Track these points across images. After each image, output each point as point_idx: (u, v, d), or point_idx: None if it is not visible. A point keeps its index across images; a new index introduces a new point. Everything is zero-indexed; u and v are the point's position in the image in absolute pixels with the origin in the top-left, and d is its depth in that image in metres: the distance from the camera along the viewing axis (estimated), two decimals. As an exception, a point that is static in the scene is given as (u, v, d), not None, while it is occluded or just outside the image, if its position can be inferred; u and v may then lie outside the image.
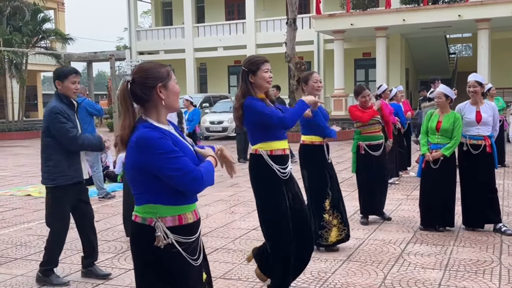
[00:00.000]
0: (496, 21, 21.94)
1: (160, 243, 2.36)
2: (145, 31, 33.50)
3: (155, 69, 2.43)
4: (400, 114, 9.67)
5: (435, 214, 6.10)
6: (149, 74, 2.41)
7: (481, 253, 5.26)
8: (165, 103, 2.43)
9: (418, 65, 31.74)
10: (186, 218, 2.44)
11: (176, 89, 2.48)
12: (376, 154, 6.46)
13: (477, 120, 5.96)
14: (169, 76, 2.45)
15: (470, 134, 6.03)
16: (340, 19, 23.97)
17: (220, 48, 29.75)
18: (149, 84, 2.39)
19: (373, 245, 5.64)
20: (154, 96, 2.41)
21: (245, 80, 3.92)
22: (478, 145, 5.99)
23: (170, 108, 2.47)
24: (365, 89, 6.53)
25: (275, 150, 3.95)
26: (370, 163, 6.42)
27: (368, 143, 6.44)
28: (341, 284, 4.49)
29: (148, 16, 48.40)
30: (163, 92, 2.42)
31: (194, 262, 2.45)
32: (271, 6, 30.08)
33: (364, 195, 6.54)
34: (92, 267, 4.77)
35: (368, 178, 6.48)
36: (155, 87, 2.40)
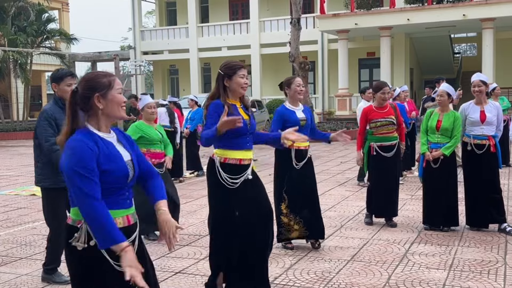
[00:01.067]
0: (500, 20, 21.88)
1: (75, 243, 2.43)
2: (149, 31, 33.54)
3: (96, 80, 2.53)
4: (403, 114, 9.64)
5: (438, 213, 6.09)
6: (88, 84, 2.52)
7: (486, 253, 5.25)
8: (103, 112, 2.52)
9: (423, 64, 31.68)
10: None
11: (117, 99, 2.54)
12: (388, 155, 6.32)
13: (481, 120, 5.95)
14: (110, 86, 2.53)
15: (474, 134, 6.01)
16: (344, 18, 23.94)
17: (224, 48, 29.76)
18: (86, 94, 2.50)
19: (377, 245, 5.63)
20: (92, 105, 2.51)
21: (219, 83, 3.95)
22: (482, 145, 5.98)
23: (110, 116, 2.56)
24: (387, 85, 6.43)
25: (229, 158, 3.94)
26: (382, 165, 6.31)
27: (379, 144, 6.32)
28: (345, 284, 4.48)
29: (152, 16, 48.47)
30: (101, 101, 2.51)
31: (119, 268, 2.43)
32: (275, 6, 30.07)
33: (374, 196, 6.43)
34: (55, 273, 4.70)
35: (379, 180, 6.37)
36: (92, 97, 2.50)
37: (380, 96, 6.35)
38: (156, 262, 5.20)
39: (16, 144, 21.31)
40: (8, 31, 25.86)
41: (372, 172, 6.49)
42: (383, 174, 6.35)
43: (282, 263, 5.06)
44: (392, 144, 6.36)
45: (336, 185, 9.45)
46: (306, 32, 25.21)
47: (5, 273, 4.97)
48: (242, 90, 3.96)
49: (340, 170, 11.34)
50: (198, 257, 5.33)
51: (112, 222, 2.39)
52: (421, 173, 6.25)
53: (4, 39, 26.57)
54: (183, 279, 4.70)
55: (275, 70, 29.29)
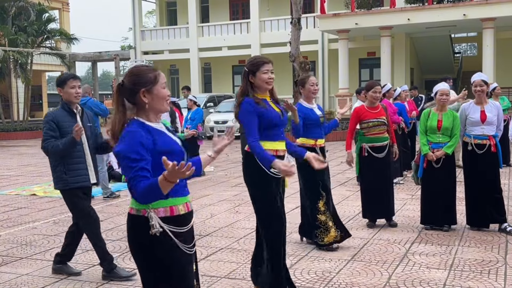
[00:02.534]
0: (501, 20, 21.86)
1: (153, 231, 2.51)
2: (150, 31, 33.55)
3: (142, 74, 2.59)
4: (404, 113, 9.65)
5: (437, 213, 6.10)
6: (135, 79, 2.58)
7: (486, 253, 5.25)
8: (149, 107, 2.60)
9: (423, 64, 31.67)
10: (177, 209, 2.61)
11: (161, 94, 2.61)
12: (379, 156, 6.26)
13: (482, 119, 5.95)
14: (155, 81, 2.59)
15: (475, 134, 6.01)
16: (344, 18, 23.93)
17: (225, 48, 29.75)
18: (133, 88, 2.57)
19: (377, 245, 5.63)
20: (139, 99, 2.58)
21: (246, 80, 4.00)
22: (483, 145, 5.98)
23: (156, 111, 2.63)
24: (378, 84, 6.41)
25: (266, 150, 3.95)
26: (374, 166, 6.27)
27: (371, 145, 6.27)
28: (345, 284, 4.48)
29: (152, 16, 48.47)
30: (147, 96, 2.58)
31: (188, 250, 2.64)
32: (275, 5, 30.07)
33: (367, 198, 6.39)
34: (115, 269, 4.70)
35: (371, 181, 6.33)
36: (139, 92, 2.57)
37: (371, 95, 6.29)
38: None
39: (17, 144, 21.31)
40: (8, 31, 25.86)
41: (364, 174, 6.43)
42: (376, 175, 6.27)
43: (283, 263, 5.06)
44: (383, 144, 6.29)
45: (337, 185, 9.45)
46: (307, 32, 25.18)
47: (5, 273, 4.97)
48: (267, 86, 4.01)
49: (341, 170, 11.34)
50: (199, 257, 5.32)
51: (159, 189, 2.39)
52: (420, 174, 6.24)
53: (4, 39, 26.58)
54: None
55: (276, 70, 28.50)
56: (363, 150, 6.32)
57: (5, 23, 26.46)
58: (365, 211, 6.46)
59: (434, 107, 6.23)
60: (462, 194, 6.25)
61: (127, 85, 2.58)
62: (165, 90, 2.64)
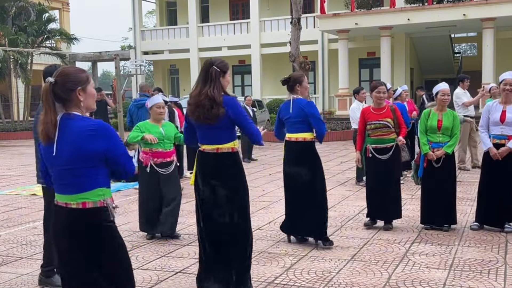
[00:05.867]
0: (501, 20, 21.87)
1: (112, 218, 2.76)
2: (150, 31, 33.54)
3: (77, 74, 2.74)
4: (404, 113, 9.63)
5: (437, 212, 6.10)
6: (71, 78, 2.70)
7: (486, 252, 5.25)
8: (83, 105, 2.74)
9: (423, 64, 31.67)
10: (113, 199, 2.84)
11: (93, 93, 2.79)
12: (383, 158, 6.20)
13: (501, 119, 5.89)
14: (88, 81, 2.76)
15: (494, 134, 5.96)
16: (344, 18, 23.93)
17: (225, 48, 29.76)
18: (70, 87, 2.69)
19: (377, 244, 5.63)
20: (74, 98, 2.70)
21: (218, 79, 4.02)
22: (501, 145, 5.90)
23: (88, 109, 2.79)
24: (383, 84, 6.34)
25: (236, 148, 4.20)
26: (377, 167, 6.24)
27: (375, 146, 6.24)
28: (345, 283, 4.48)
29: (152, 16, 48.47)
30: (81, 94, 2.72)
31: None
32: (275, 5, 30.07)
33: (370, 198, 6.40)
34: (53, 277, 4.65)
35: (373, 182, 6.33)
36: (75, 90, 2.70)
37: (375, 96, 6.26)
38: (157, 262, 5.21)
39: (17, 143, 21.32)
40: (8, 31, 25.86)
41: (368, 174, 6.45)
42: (378, 177, 6.25)
43: (283, 263, 5.07)
44: (387, 146, 6.21)
45: (337, 185, 9.45)
46: (307, 32, 25.19)
47: (5, 273, 4.98)
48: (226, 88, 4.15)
49: (341, 169, 11.34)
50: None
51: None
52: (421, 173, 6.24)
53: (4, 39, 26.58)
54: (184, 279, 4.70)
55: (276, 70, 29.28)
56: (368, 151, 6.31)
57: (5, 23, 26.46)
58: (368, 210, 6.49)
59: (435, 107, 6.24)
60: (462, 194, 6.25)
61: (63, 84, 2.67)
62: (94, 89, 2.82)
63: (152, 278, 4.73)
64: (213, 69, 4.01)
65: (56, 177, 2.74)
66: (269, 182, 10.01)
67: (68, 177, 2.68)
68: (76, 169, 2.66)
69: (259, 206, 7.72)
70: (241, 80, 31.44)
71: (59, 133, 2.65)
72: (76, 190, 2.68)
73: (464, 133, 10.15)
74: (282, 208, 7.52)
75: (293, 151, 5.59)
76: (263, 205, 7.84)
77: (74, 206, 2.69)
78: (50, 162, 2.73)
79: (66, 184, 2.70)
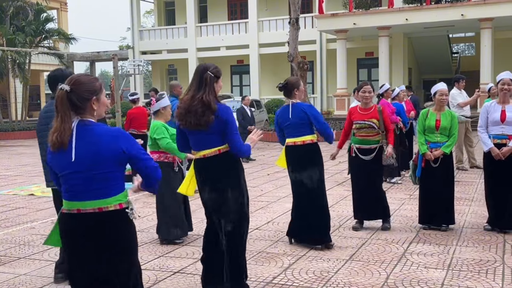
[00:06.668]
0: (499, 20, 21.89)
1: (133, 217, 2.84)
2: (148, 31, 33.53)
3: (91, 83, 2.76)
4: (402, 113, 9.66)
5: (435, 212, 6.11)
6: (87, 87, 2.74)
7: (484, 252, 5.26)
8: (96, 113, 2.79)
9: (421, 64, 31.69)
10: None
11: (105, 102, 2.85)
12: (366, 158, 6.09)
13: (502, 119, 5.88)
14: (101, 90, 2.80)
15: (494, 134, 5.94)
16: (342, 18, 23.94)
17: (223, 48, 29.75)
18: (85, 96, 2.73)
19: (375, 244, 5.64)
20: (88, 106, 2.75)
21: (212, 85, 3.99)
22: (502, 144, 5.88)
23: (99, 117, 2.84)
24: (368, 84, 6.28)
25: None
26: (360, 167, 6.18)
27: (358, 146, 6.17)
28: (343, 283, 4.49)
29: (151, 16, 48.43)
30: (95, 104, 2.77)
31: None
32: (273, 5, 30.07)
33: (354, 198, 6.36)
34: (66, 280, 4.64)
35: (357, 182, 6.28)
36: (90, 99, 2.74)
37: (360, 95, 6.23)
38: (155, 262, 5.21)
39: (15, 144, 21.29)
40: (6, 31, 25.81)
41: (351, 173, 6.43)
42: (360, 177, 6.20)
43: (281, 263, 5.07)
44: (371, 147, 6.10)
45: (335, 185, 9.46)
46: (305, 32, 25.20)
47: (3, 273, 4.97)
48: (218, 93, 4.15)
49: (339, 169, 11.34)
50: (197, 256, 5.32)
51: None
52: (419, 173, 6.24)
53: (2, 39, 26.52)
54: (182, 279, 4.70)
55: (274, 70, 29.29)
56: (352, 150, 6.26)
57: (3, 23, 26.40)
58: (354, 212, 6.42)
59: (433, 107, 6.24)
60: (460, 194, 6.25)
61: (79, 92, 2.70)
62: (105, 98, 2.88)
63: (151, 278, 4.72)
64: (208, 75, 3.97)
65: (79, 185, 2.71)
66: (267, 182, 10.01)
67: (96, 183, 2.69)
68: (103, 173, 2.69)
69: (257, 206, 7.73)
70: (239, 80, 31.44)
71: (77, 139, 2.68)
72: (111, 193, 2.74)
73: (460, 133, 10.18)
74: (280, 208, 7.54)
75: (296, 156, 5.54)
76: (261, 205, 7.84)
77: (111, 208, 2.73)
78: (63, 168, 2.72)
79: (96, 190, 2.70)
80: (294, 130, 5.52)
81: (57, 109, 2.69)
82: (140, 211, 7.50)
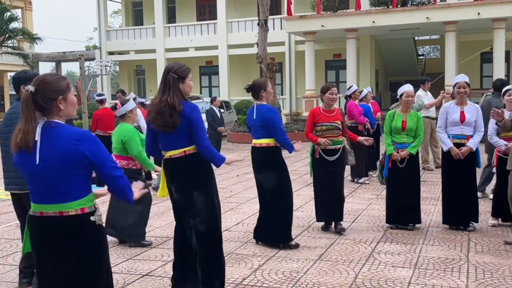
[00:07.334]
0: (462, 23, 22.39)
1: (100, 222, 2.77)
2: (115, 31, 33.11)
3: (57, 82, 2.69)
4: (369, 114, 9.79)
5: (402, 212, 6.21)
6: (51, 86, 2.66)
7: (450, 251, 5.37)
8: (63, 114, 2.72)
9: (388, 66, 32.17)
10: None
11: (74, 101, 2.76)
12: (330, 159, 6.08)
13: (461, 120, 6.06)
14: (68, 89, 2.72)
15: (454, 134, 6.12)
16: (311, 20, 24.11)
17: (192, 49, 29.60)
18: (51, 96, 2.65)
19: (344, 244, 5.69)
20: (54, 106, 2.67)
21: (176, 86, 3.97)
22: (461, 144, 6.06)
23: (67, 116, 2.76)
24: (334, 86, 6.28)
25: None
26: (324, 168, 6.16)
27: (323, 148, 6.14)
28: (312, 283, 4.51)
29: (118, 16, 47.85)
30: (62, 103, 2.69)
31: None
32: (242, 7, 30.07)
33: (317, 200, 6.33)
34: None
35: (321, 183, 6.25)
36: (56, 99, 2.66)
37: (328, 97, 6.15)
38: (123, 265, 5.14)
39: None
40: (-32, 30, 25.18)
41: (316, 175, 6.31)
42: (326, 178, 6.17)
43: (250, 264, 5.07)
44: (336, 148, 6.11)
45: (304, 186, 9.51)
46: (274, 34, 25.27)
47: (-35, 279, 4.83)
48: (190, 92, 4.11)
49: (307, 170, 11.39)
50: (166, 259, 5.28)
51: None
52: (386, 174, 6.33)
53: (-36, 38, 25.87)
54: (151, 282, 4.65)
55: (243, 71, 29.29)
56: (316, 152, 6.21)
57: (-35, 21, 25.75)
58: (316, 215, 6.36)
59: (399, 108, 6.35)
60: (426, 193, 6.37)
61: (44, 92, 2.63)
62: (74, 97, 2.78)
63: (119, 281, 4.66)
64: (171, 76, 3.98)
65: (42, 187, 2.66)
66: (236, 184, 10.01)
67: (58, 186, 2.63)
68: (68, 177, 2.63)
69: (227, 208, 7.71)
70: (208, 81, 31.34)
71: (42, 141, 2.61)
72: (73, 197, 2.66)
73: (425, 133, 10.38)
74: (249, 209, 7.54)
75: (257, 157, 5.63)
76: (231, 206, 7.84)
77: (72, 213, 2.66)
78: (28, 170, 2.66)
79: (58, 193, 2.64)
80: (256, 132, 5.59)
81: (22, 110, 2.63)
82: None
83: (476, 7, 21.47)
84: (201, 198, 4.02)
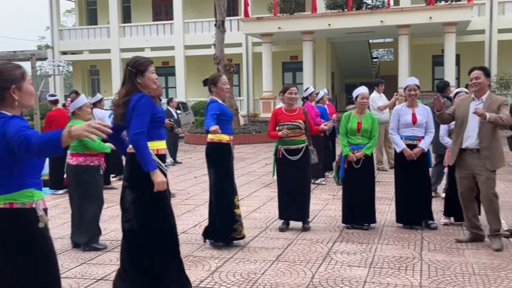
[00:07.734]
0: (415, 27, 22.98)
1: (42, 222, 2.61)
2: (69, 30, 32.38)
3: (10, 71, 2.59)
4: (325, 116, 9.90)
5: (357, 212, 6.30)
6: (4, 75, 2.57)
7: (404, 250, 5.48)
8: (18, 103, 2.61)
9: (343, 68, 32.68)
10: (44, 202, 2.70)
11: (30, 90, 2.65)
12: (293, 158, 6.19)
13: (413, 121, 6.23)
14: (23, 78, 2.61)
15: (406, 135, 6.27)
16: (267, 22, 24.23)
17: (148, 49, 29.24)
18: (3, 85, 2.56)
19: (301, 244, 5.73)
20: (7, 96, 2.57)
21: (133, 80, 3.93)
22: (413, 145, 6.22)
23: (23, 106, 2.66)
24: (293, 86, 6.38)
25: (160, 149, 4.02)
26: (288, 168, 6.23)
27: (286, 147, 6.22)
28: (270, 284, 4.52)
29: (71, 15, 46.80)
30: (16, 93, 2.59)
31: None
32: (199, 7, 29.93)
33: (281, 199, 6.38)
34: None
35: (285, 183, 6.30)
36: (9, 88, 2.56)
37: (287, 97, 6.26)
38: (77, 270, 5.02)
39: None
40: None
41: (279, 175, 6.37)
42: (289, 177, 6.23)
43: (208, 266, 5.04)
44: (298, 147, 6.21)
45: (261, 187, 9.53)
46: (231, 35, 25.27)
47: None
48: (154, 86, 4.05)
49: (265, 171, 11.44)
50: (121, 262, 5.18)
51: None
52: (342, 174, 6.42)
53: None
54: (105, 286, 4.55)
55: (200, 72, 29.12)
56: (278, 152, 6.29)
57: None
58: (280, 212, 6.44)
59: (355, 110, 6.45)
60: (380, 193, 6.49)
61: None
62: (32, 86, 2.68)
63: (72, 286, 4.55)
64: (127, 70, 3.96)
65: None
66: (194, 185, 9.93)
67: None
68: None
69: (184, 210, 7.64)
70: (165, 82, 31.03)
71: None
72: (4, 191, 2.56)
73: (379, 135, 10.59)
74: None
75: (206, 152, 5.72)
76: (188, 209, 7.77)
77: (1, 206, 2.55)
78: None
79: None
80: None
81: None
82: (60, 216, 7.22)
83: (428, 12, 22.09)
84: (129, 198, 3.94)
